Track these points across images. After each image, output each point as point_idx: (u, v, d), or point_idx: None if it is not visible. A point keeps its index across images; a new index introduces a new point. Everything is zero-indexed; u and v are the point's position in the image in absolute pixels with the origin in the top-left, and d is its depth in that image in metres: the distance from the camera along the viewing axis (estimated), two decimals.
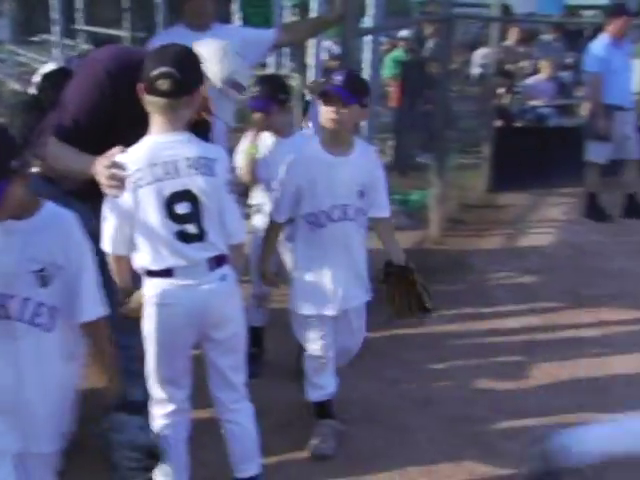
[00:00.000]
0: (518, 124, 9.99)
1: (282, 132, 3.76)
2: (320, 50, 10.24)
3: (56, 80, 3.71)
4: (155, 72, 2.41)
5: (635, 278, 5.60)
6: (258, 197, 3.83)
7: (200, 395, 2.79)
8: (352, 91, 3.03)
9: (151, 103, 2.47)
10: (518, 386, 3.92)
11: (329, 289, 3.16)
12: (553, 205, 7.69)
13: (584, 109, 7.54)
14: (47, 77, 3.94)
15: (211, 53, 2.72)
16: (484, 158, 7.94)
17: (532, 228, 6.95)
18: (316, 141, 3.20)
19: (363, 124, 4.62)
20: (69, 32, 11.65)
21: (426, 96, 8.10)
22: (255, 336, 3.70)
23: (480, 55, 10.90)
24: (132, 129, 2.57)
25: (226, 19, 6.81)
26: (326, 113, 3.06)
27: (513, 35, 11.42)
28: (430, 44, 11.31)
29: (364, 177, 3.16)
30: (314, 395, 3.31)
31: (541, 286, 5.39)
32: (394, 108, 9.11)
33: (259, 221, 3.79)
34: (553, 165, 7.88)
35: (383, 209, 3.28)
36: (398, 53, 10.91)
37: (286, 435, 3.37)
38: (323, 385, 3.28)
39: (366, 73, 5.06)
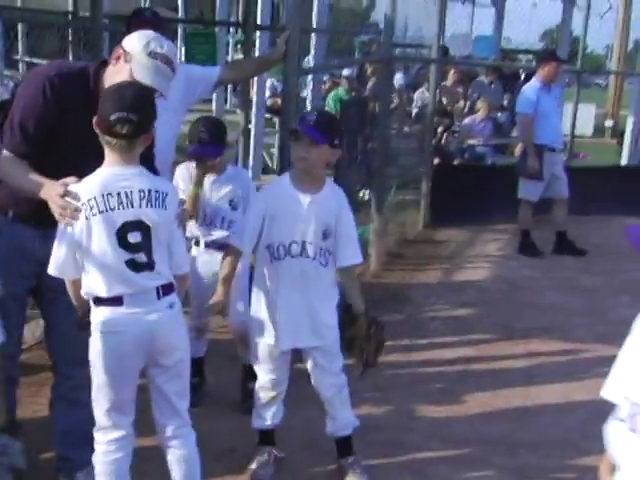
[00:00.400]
0: (456, 162, 10.32)
1: (220, 171, 3.92)
2: (264, 87, 10.50)
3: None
4: (114, 117, 2.50)
5: (564, 312, 5.83)
6: (193, 230, 3.93)
7: (142, 423, 2.84)
8: (322, 131, 3.07)
9: (108, 142, 2.56)
10: (452, 414, 4.05)
11: (280, 323, 3.19)
12: (489, 241, 7.94)
13: (518, 149, 7.86)
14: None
15: None
16: (423, 195, 8.17)
17: (468, 263, 7.17)
18: (287, 177, 3.24)
19: None
20: (10, 62, 11.59)
21: (365, 134, 8.32)
22: (196, 366, 3.74)
23: (419, 95, 11.23)
24: (78, 137, 2.71)
25: None
26: (296, 152, 3.11)
27: (451, 76, 11.83)
28: (371, 83, 11.61)
29: (330, 218, 3.17)
30: (257, 423, 3.38)
31: (476, 319, 5.58)
32: None
33: (194, 252, 3.93)
34: (489, 202, 8.15)
35: (349, 257, 3.25)
36: (340, 91, 11.15)
37: (227, 461, 3.43)
38: (267, 417, 3.35)
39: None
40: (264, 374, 3.29)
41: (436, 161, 9.10)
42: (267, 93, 11.76)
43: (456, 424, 3.94)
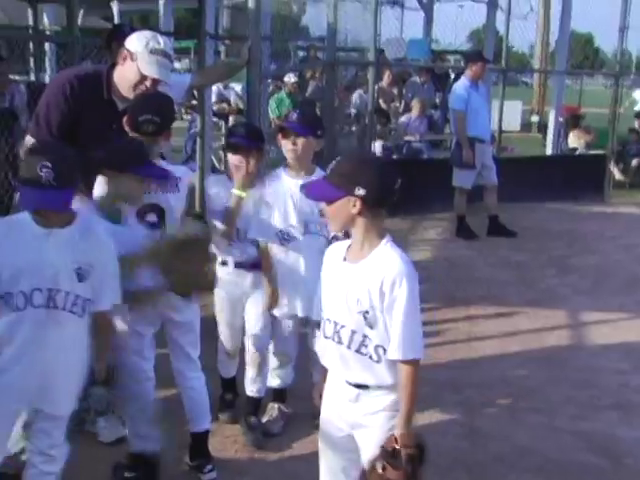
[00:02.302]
0: (394, 157, 11.04)
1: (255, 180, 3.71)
2: (210, 93, 11.04)
3: None
4: (142, 118, 3.11)
5: (499, 283, 6.57)
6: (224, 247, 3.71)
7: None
8: (306, 124, 3.57)
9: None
10: None
11: (299, 294, 3.54)
12: (428, 227, 8.67)
13: (452, 141, 8.60)
14: None
15: None
16: None
17: (411, 247, 7.84)
18: (281, 169, 3.69)
19: None
20: None
21: None
22: (229, 384, 3.96)
23: (356, 96, 11.90)
24: (94, 129, 3.28)
25: None
26: (285, 145, 3.58)
27: (386, 78, 12.54)
28: (311, 85, 12.25)
29: None
30: (272, 383, 3.84)
31: (421, 292, 6.22)
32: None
33: (220, 274, 3.66)
34: (427, 193, 8.89)
35: None
36: (281, 95, 11.79)
37: None
38: (280, 377, 3.84)
39: None
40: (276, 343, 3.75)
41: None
42: (213, 98, 12.34)
43: None
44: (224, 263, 3.69)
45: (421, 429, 3.78)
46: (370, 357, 2.35)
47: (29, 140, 3.40)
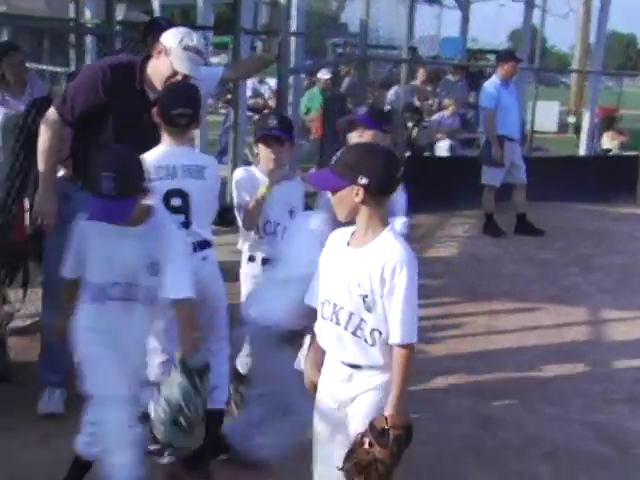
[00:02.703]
0: (426, 155, 11.12)
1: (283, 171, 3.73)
2: (245, 88, 11.24)
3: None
4: (175, 112, 3.24)
5: (523, 279, 6.64)
6: (252, 242, 3.75)
7: None
8: (374, 118, 3.67)
9: (168, 130, 3.29)
10: (428, 355, 4.80)
11: None
12: (456, 224, 8.75)
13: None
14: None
15: None
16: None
17: (438, 243, 7.96)
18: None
19: None
20: None
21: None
22: None
23: (392, 92, 12.00)
24: (126, 116, 3.46)
25: None
26: (351, 138, 3.58)
27: (420, 75, 12.61)
28: (346, 82, 12.36)
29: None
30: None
31: (444, 286, 6.35)
32: (316, 139, 10.06)
33: (247, 270, 3.79)
34: (457, 191, 8.98)
35: None
36: (315, 90, 11.93)
37: None
38: None
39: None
40: None
41: (407, 154, 9.87)
42: (248, 93, 12.55)
43: (426, 362, 4.69)
44: (251, 259, 3.73)
45: (437, 415, 3.99)
46: (365, 340, 2.45)
47: (51, 113, 3.58)
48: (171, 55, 3.50)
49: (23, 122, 4.75)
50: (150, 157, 3.27)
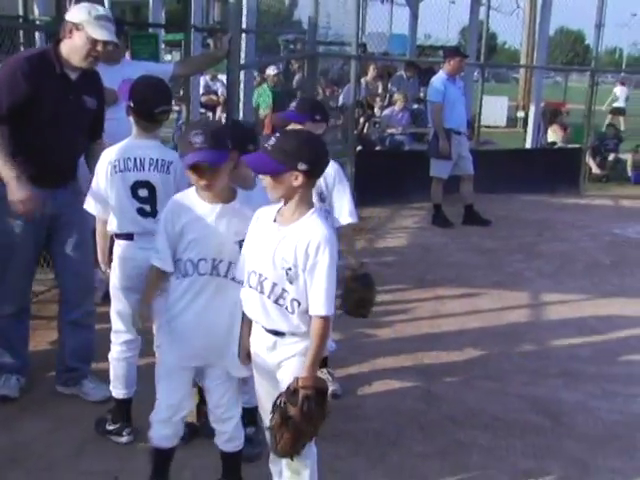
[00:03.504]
0: (377, 149, 11.36)
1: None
2: (198, 85, 11.35)
3: None
4: (158, 109, 3.40)
5: (468, 267, 6.91)
6: None
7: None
8: (301, 111, 3.81)
9: (144, 125, 3.43)
10: (376, 338, 5.03)
11: None
12: (406, 216, 9.01)
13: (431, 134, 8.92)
14: None
15: None
16: (348, 178, 9.13)
17: (388, 234, 8.20)
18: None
19: None
20: None
21: None
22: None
23: (346, 89, 12.20)
24: (50, 105, 3.58)
25: None
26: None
27: (371, 71, 12.86)
28: (297, 78, 12.54)
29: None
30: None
31: (393, 274, 6.57)
32: (267, 134, 10.22)
33: None
34: (406, 184, 9.24)
35: None
36: (265, 87, 12.10)
37: None
38: None
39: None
40: None
41: (359, 148, 10.09)
42: (200, 90, 12.66)
43: (375, 344, 4.92)
44: None
45: (383, 392, 4.21)
46: (286, 308, 2.66)
47: None
48: (85, 28, 3.58)
49: None
50: (119, 148, 3.43)
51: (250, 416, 3.55)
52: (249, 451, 3.35)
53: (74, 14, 3.66)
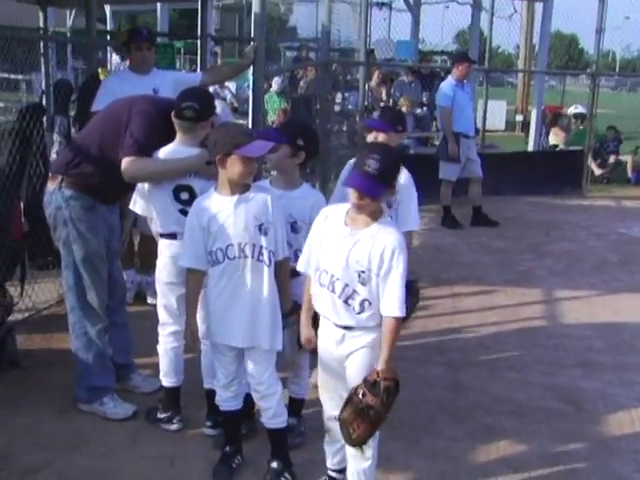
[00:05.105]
0: None
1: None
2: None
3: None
4: (184, 105, 3.59)
5: (481, 266, 7.14)
6: None
7: None
8: (387, 120, 4.01)
9: (178, 124, 3.63)
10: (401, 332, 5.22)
11: None
12: None
13: (438, 138, 9.17)
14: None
15: None
16: None
17: None
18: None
19: None
20: None
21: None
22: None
23: (348, 95, 12.44)
24: None
25: None
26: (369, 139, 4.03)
27: (375, 77, 13.10)
28: (302, 84, 12.78)
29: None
30: None
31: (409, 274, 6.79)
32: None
33: None
34: (416, 186, 9.42)
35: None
36: (273, 93, 12.40)
37: None
38: None
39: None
40: None
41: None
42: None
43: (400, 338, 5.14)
44: None
45: (412, 382, 4.43)
46: (354, 308, 2.88)
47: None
48: None
49: (19, 126, 5.10)
50: (162, 153, 3.65)
51: (295, 407, 3.81)
52: (290, 440, 3.56)
53: None
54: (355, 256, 2.84)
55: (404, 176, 3.86)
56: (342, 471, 3.23)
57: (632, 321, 5.66)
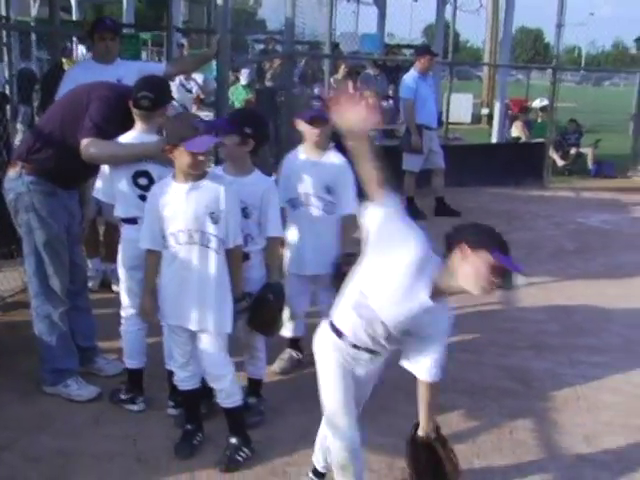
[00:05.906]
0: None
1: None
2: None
3: None
4: (139, 94, 3.69)
5: (440, 255, 7.28)
6: None
7: None
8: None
9: (135, 113, 3.74)
10: None
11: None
12: None
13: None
14: None
15: None
16: None
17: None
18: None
19: None
20: None
21: (275, 119, 9.58)
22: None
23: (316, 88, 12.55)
24: None
25: None
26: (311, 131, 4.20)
27: (341, 70, 13.22)
28: (268, 76, 12.88)
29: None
30: (286, 332, 4.33)
31: None
32: None
33: None
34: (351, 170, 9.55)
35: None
36: (239, 85, 12.49)
37: None
38: (292, 329, 4.40)
39: None
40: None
41: (331, 144, 10.42)
42: (175, 89, 12.97)
43: None
44: None
45: None
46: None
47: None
48: None
49: None
50: (122, 140, 3.74)
51: (253, 387, 3.94)
52: (248, 419, 3.71)
53: None
54: None
55: (339, 159, 4.00)
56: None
57: (584, 305, 5.87)
